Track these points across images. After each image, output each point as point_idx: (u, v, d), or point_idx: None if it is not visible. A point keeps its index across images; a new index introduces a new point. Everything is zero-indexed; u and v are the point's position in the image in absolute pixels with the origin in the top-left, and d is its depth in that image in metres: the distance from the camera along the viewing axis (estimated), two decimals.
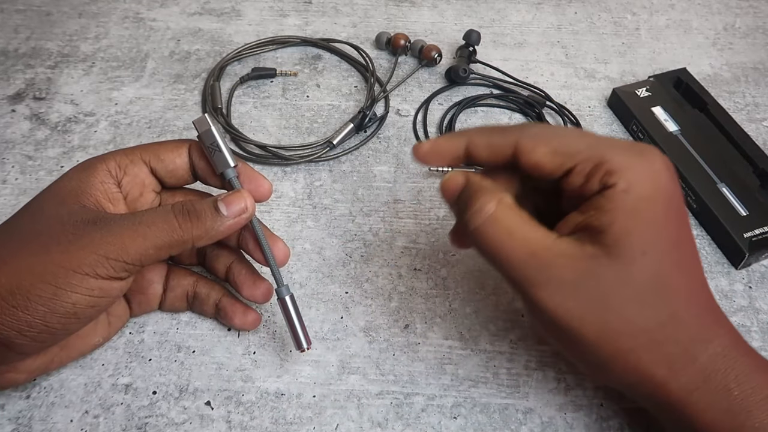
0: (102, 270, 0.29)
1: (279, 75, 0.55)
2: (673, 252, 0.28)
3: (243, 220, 0.33)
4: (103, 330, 0.36)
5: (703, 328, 0.29)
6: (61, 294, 0.29)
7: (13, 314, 0.28)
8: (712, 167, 0.47)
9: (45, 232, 0.30)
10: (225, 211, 0.32)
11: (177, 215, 0.31)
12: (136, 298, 0.37)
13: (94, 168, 0.33)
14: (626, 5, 0.65)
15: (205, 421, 0.36)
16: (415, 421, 0.36)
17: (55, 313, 0.29)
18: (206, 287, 0.38)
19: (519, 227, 0.29)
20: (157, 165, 0.35)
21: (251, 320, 0.38)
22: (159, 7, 0.62)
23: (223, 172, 0.34)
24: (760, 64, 0.59)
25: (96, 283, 0.30)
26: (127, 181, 0.34)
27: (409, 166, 0.49)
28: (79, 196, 0.32)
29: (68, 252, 0.29)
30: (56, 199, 0.32)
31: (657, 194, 0.28)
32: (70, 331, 0.31)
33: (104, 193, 0.33)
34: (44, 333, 0.30)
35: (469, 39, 0.56)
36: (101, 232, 0.30)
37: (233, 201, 0.32)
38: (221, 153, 0.34)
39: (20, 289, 0.28)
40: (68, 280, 0.29)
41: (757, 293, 0.43)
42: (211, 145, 0.34)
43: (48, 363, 0.34)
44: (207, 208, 0.32)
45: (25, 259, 0.29)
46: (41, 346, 0.32)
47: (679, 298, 0.28)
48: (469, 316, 0.41)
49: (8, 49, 0.57)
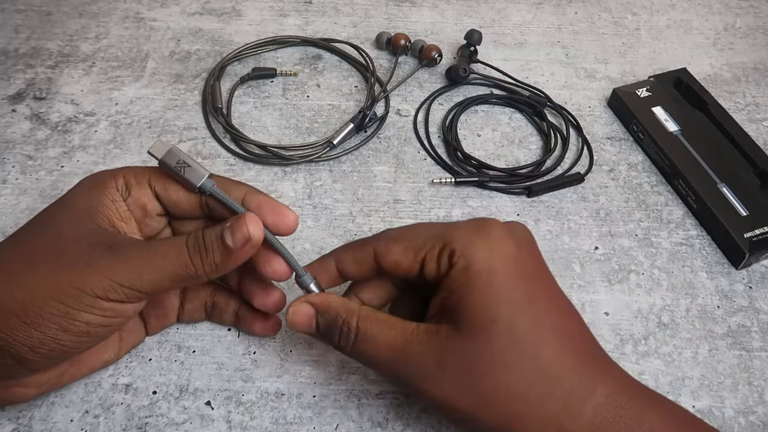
0: (114, 295, 0.29)
1: (279, 75, 0.55)
2: (529, 310, 0.29)
3: (250, 249, 0.31)
4: (114, 346, 0.36)
5: (580, 379, 0.28)
6: (74, 313, 0.29)
7: (26, 331, 0.28)
8: (712, 167, 0.47)
9: (60, 251, 0.30)
10: (230, 243, 0.30)
11: (189, 250, 0.30)
12: (153, 312, 0.37)
13: (105, 186, 0.32)
14: (626, 5, 0.65)
15: (205, 421, 0.36)
16: (416, 421, 0.36)
17: (67, 332, 0.29)
18: (224, 297, 0.38)
19: (380, 333, 0.30)
20: (161, 192, 0.33)
21: (272, 325, 0.38)
22: (159, 7, 0.62)
23: (201, 187, 0.32)
24: (760, 64, 0.59)
25: (109, 305, 0.29)
26: (129, 202, 0.33)
27: (409, 166, 0.49)
28: (93, 215, 0.31)
29: (82, 274, 0.29)
30: (71, 215, 0.31)
31: (496, 263, 0.29)
32: (82, 349, 0.31)
33: (116, 212, 0.32)
34: (56, 351, 0.29)
35: (471, 39, 0.56)
36: (116, 257, 0.30)
37: (236, 230, 0.30)
38: (191, 167, 0.32)
39: (33, 305, 0.28)
40: (80, 301, 0.29)
41: (757, 293, 0.43)
42: (177, 164, 0.32)
43: (58, 378, 0.33)
44: (215, 241, 0.30)
45: (40, 276, 0.29)
46: (52, 363, 0.31)
47: (544, 354, 0.28)
48: None
49: (8, 49, 0.57)
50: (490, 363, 0.28)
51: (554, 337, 0.29)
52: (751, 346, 0.40)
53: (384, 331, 0.30)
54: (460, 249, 0.30)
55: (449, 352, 0.29)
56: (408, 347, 0.29)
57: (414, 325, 0.30)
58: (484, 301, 0.29)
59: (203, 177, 0.32)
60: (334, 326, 0.31)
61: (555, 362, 0.28)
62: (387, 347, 0.30)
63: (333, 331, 0.31)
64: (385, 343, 0.30)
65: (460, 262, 0.29)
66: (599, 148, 0.52)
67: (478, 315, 0.28)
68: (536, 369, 0.28)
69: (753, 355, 0.40)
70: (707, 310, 0.42)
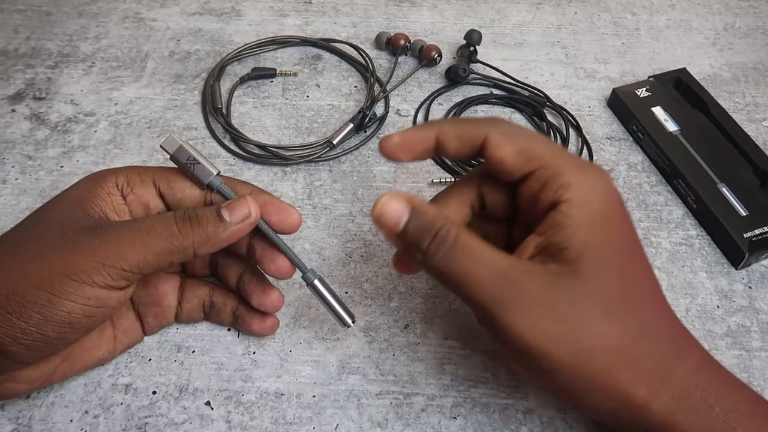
0: (99, 278, 0.29)
1: (279, 75, 0.55)
2: (632, 265, 0.28)
3: (247, 227, 0.32)
4: (107, 344, 0.35)
5: (675, 343, 0.28)
6: (56, 301, 0.28)
7: (8, 320, 0.28)
8: (712, 167, 0.47)
9: (44, 238, 0.30)
10: (228, 217, 0.31)
11: (177, 221, 0.31)
12: (151, 311, 0.37)
13: (104, 179, 0.33)
14: (626, 5, 0.65)
15: (205, 421, 0.36)
16: (415, 421, 0.36)
17: (50, 321, 0.28)
18: (222, 296, 0.38)
19: (483, 249, 0.27)
20: (166, 190, 0.34)
21: (270, 325, 0.37)
22: (159, 7, 0.62)
23: (209, 183, 0.33)
24: (760, 64, 0.59)
25: (92, 291, 0.29)
26: (131, 199, 0.33)
27: (409, 166, 0.49)
28: (84, 204, 0.31)
29: (65, 258, 0.29)
30: (61, 206, 0.32)
31: (610, 209, 0.28)
32: (66, 340, 0.31)
33: (110, 204, 0.32)
34: (39, 341, 0.29)
35: (471, 39, 0.56)
36: (99, 238, 0.29)
37: (237, 207, 0.32)
38: (200, 164, 0.33)
39: (16, 294, 0.28)
40: (63, 288, 0.28)
41: (757, 293, 0.43)
42: (187, 161, 0.33)
43: (50, 374, 0.33)
44: (209, 214, 0.31)
45: (23, 264, 0.29)
46: (37, 355, 0.31)
47: (646, 312, 0.28)
48: (469, 316, 0.41)
49: (8, 49, 0.57)
50: (599, 310, 0.27)
51: (651, 297, 0.28)
52: (751, 346, 0.40)
53: (487, 248, 0.28)
54: (575, 185, 0.28)
55: (559, 291, 0.27)
56: (513, 271, 0.27)
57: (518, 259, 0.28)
58: (599, 244, 0.27)
59: (212, 174, 0.33)
60: (427, 231, 0.28)
61: (654, 321, 0.28)
62: (489, 264, 0.27)
63: (424, 235, 0.28)
64: (488, 260, 0.27)
65: (576, 198, 0.27)
66: (599, 148, 0.52)
67: (593, 257, 0.27)
68: (639, 325, 0.27)
69: (753, 354, 0.40)
70: (707, 310, 0.42)
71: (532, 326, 0.26)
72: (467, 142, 0.31)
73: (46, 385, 0.35)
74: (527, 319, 0.26)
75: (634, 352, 0.27)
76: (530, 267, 0.27)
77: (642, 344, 0.27)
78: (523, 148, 0.29)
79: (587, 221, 0.27)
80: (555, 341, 0.26)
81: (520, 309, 0.26)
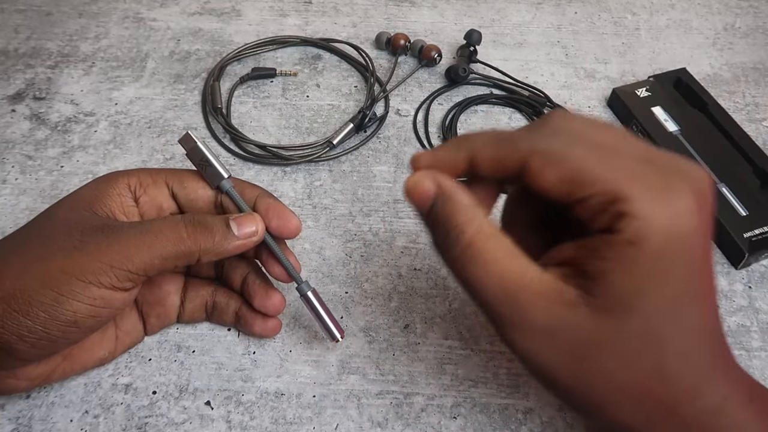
0: (105, 279, 0.29)
1: (279, 75, 0.55)
2: (677, 309, 0.24)
3: (251, 243, 0.33)
4: (109, 344, 0.35)
5: (694, 380, 0.25)
6: (62, 301, 0.29)
7: (15, 318, 0.28)
8: (712, 167, 0.47)
9: (52, 237, 0.30)
10: (236, 231, 0.32)
11: (186, 226, 0.31)
12: (154, 311, 0.37)
13: (115, 180, 0.33)
14: (626, 5, 0.65)
15: (205, 421, 0.36)
16: (415, 421, 0.36)
17: (56, 320, 0.29)
18: (225, 297, 0.38)
19: (496, 261, 0.25)
20: (179, 191, 0.34)
21: (271, 327, 0.38)
22: (159, 7, 0.62)
23: (219, 185, 0.34)
24: (760, 64, 0.59)
25: (98, 292, 0.29)
26: (144, 200, 0.33)
27: (409, 166, 0.49)
28: (93, 204, 0.32)
29: (72, 258, 0.29)
30: (69, 205, 0.32)
31: (671, 248, 0.23)
32: (70, 340, 0.31)
33: (120, 205, 0.32)
34: (44, 340, 0.29)
35: (471, 39, 0.56)
36: (107, 239, 0.30)
37: (245, 222, 0.32)
38: (212, 167, 0.34)
39: (23, 293, 0.28)
40: (70, 287, 0.29)
41: (756, 293, 0.43)
42: (201, 161, 0.34)
43: (50, 372, 0.33)
44: (218, 224, 0.32)
45: (30, 263, 0.29)
46: (41, 354, 0.31)
47: (668, 353, 0.24)
48: (469, 316, 0.41)
49: (8, 49, 0.57)
50: (610, 349, 0.24)
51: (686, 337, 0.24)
52: (751, 346, 0.40)
53: (502, 260, 0.25)
54: (635, 215, 0.23)
55: (567, 321, 0.24)
56: (522, 295, 0.25)
57: (538, 271, 0.25)
58: (638, 288, 0.23)
59: (223, 177, 0.34)
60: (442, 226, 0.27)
61: (675, 362, 0.24)
62: (499, 282, 0.25)
63: (439, 229, 0.27)
64: (499, 274, 0.25)
65: (628, 233, 0.23)
66: None
67: (622, 300, 0.24)
68: (653, 365, 0.24)
69: (752, 354, 0.40)
70: None
71: (530, 348, 0.25)
72: (502, 168, 0.27)
73: (46, 383, 0.35)
74: (527, 341, 0.25)
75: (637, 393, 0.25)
76: (542, 289, 0.25)
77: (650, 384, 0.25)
78: (572, 171, 0.25)
79: (630, 261, 0.23)
80: (553, 367, 0.25)
81: (520, 331, 0.25)
